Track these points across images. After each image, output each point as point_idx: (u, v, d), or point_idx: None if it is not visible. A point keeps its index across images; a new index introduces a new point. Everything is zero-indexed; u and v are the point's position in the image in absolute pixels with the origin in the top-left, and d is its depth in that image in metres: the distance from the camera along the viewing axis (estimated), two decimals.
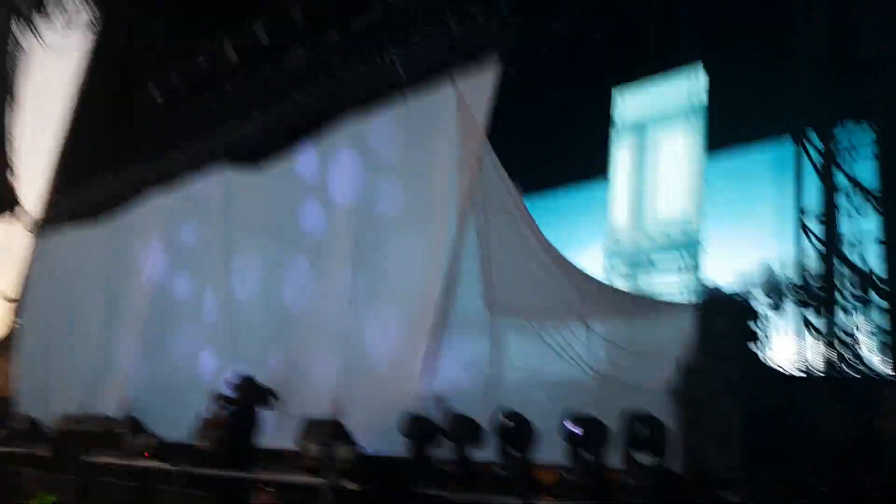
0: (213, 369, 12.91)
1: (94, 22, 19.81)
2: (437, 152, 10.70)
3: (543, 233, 9.78)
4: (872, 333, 7.78)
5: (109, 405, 14.11)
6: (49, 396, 16.62)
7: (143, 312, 15.15)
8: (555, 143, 13.21)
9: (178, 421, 11.91)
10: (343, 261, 11.66)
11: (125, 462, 11.48)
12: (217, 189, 14.44)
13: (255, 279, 13.36)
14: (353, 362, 10.99)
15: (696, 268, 11.01)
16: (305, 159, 13.02)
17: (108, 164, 18.75)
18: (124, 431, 12.43)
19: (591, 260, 11.80)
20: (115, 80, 20.11)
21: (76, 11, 18.68)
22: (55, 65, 19.61)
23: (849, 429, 7.01)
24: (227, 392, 10.14)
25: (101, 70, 20.65)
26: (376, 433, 9.60)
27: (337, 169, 12.24)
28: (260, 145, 15.78)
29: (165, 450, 11.62)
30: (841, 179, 8.41)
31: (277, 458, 10.18)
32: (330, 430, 9.01)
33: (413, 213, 11.03)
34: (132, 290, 15.71)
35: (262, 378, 11.10)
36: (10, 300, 20.24)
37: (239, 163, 14.75)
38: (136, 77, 19.71)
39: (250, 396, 9.53)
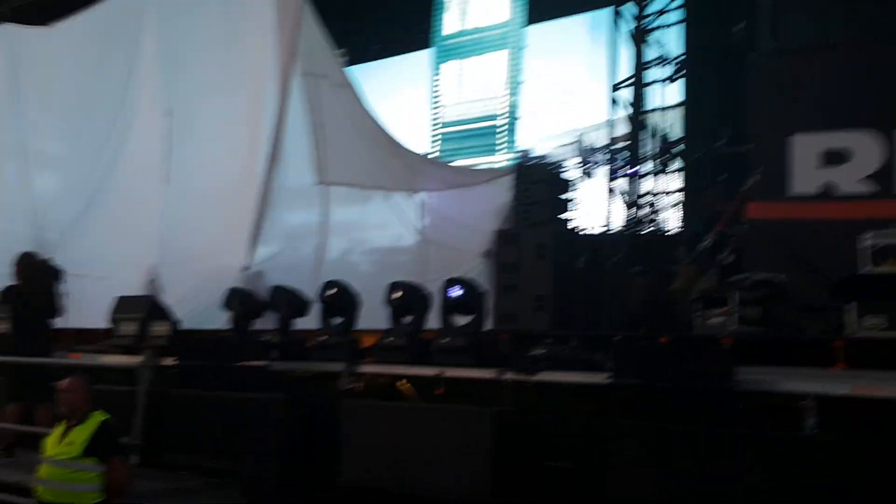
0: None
1: None
2: (251, 11, 10.06)
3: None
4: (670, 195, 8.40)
5: None
6: None
7: None
8: (376, 13, 12.84)
9: None
10: (154, 133, 10.88)
11: None
12: (2, 49, 12.87)
13: (57, 149, 12.25)
14: (169, 238, 10.51)
15: (511, 137, 11.29)
16: (103, 17, 11.76)
17: None
18: None
19: (414, 129, 11.80)
20: None
21: None
22: None
23: (645, 286, 7.62)
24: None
25: None
26: (197, 308, 9.36)
27: (139, 30, 11.20)
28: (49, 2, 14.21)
29: None
30: (651, 49, 8.78)
31: (90, 338, 9.71)
32: (145, 306, 8.64)
33: (229, 79, 10.39)
34: None
35: (72, 256, 10.37)
36: None
37: (25, 22, 13.19)
38: None
39: (36, 274, 8.62)
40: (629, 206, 8.32)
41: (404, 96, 12.66)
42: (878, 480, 4.03)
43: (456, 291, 6.72)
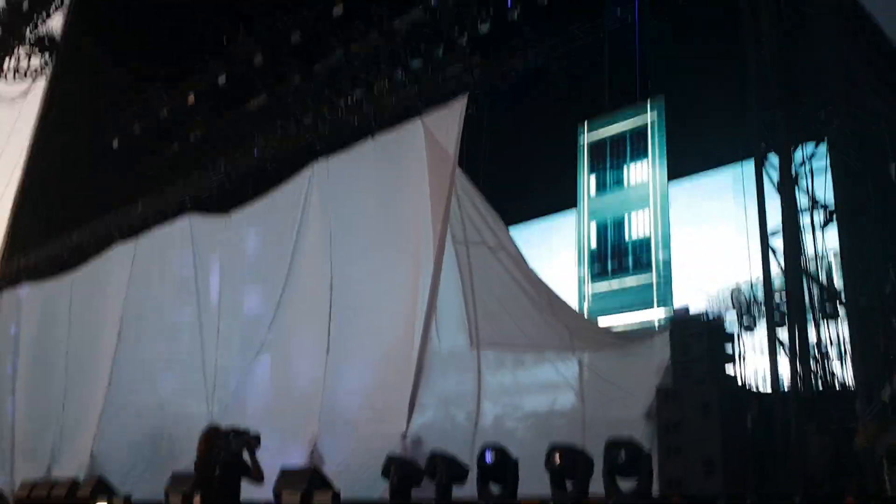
0: (187, 419, 12.63)
1: (50, 70, 19.57)
2: (408, 186, 10.76)
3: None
4: (840, 346, 7.95)
5: (74, 467, 13.71)
6: (15, 462, 16.10)
7: (108, 366, 14.80)
8: (524, 177, 13.38)
9: (148, 477, 11.62)
10: (318, 306, 11.54)
11: None
12: (185, 236, 14.31)
13: (228, 326, 13.18)
14: (329, 406, 10.86)
15: (666, 293, 11.15)
16: (274, 203, 12.97)
17: (68, 218, 18.51)
18: (89, 493, 11.95)
19: (564, 288, 11.89)
20: (73, 131, 19.89)
21: (30, 59, 18.47)
22: (7, 114, 19.17)
23: (824, 444, 7.10)
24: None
25: (58, 120, 20.37)
26: (358, 477, 9.48)
27: (307, 212, 12.22)
28: (226, 192, 15.77)
29: None
30: (801, 198, 8.63)
31: None
32: (307, 478, 8.86)
33: (386, 251, 11.02)
34: (96, 344, 15.38)
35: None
36: None
37: (205, 210, 14.68)
38: (96, 127, 19.57)
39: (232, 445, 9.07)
40: (796, 359, 7.92)
41: (554, 256, 12.89)
42: None
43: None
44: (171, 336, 14.09)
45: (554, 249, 12.89)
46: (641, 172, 11.97)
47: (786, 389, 7.90)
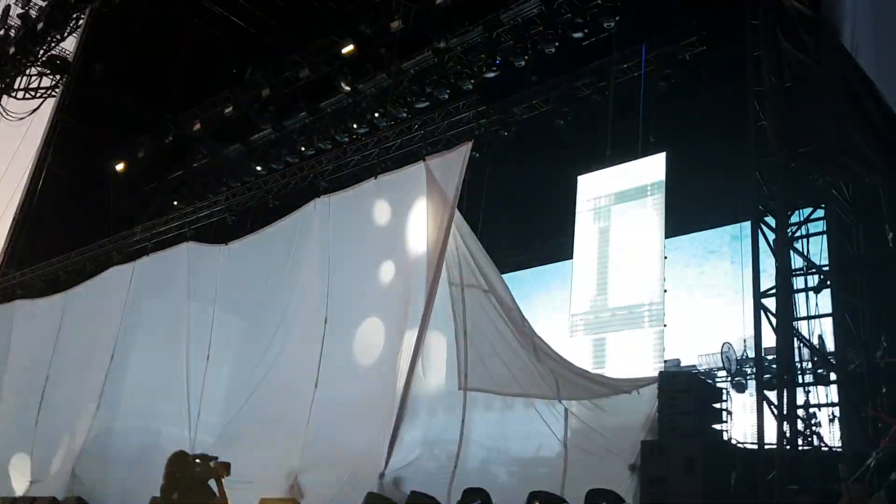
0: (169, 444, 12.49)
1: (60, 91, 19.77)
2: (407, 226, 10.82)
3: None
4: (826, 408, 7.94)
5: (55, 486, 13.54)
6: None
7: (95, 387, 14.71)
8: (523, 224, 13.48)
9: (129, 500, 11.46)
10: (310, 339, 11.51)
11: None
12: (182, 263, 14.34)
13: (219, 354, 13.12)
14: (312, 441, 10.76)
15: (658, 346, 11.13)
16: (273, 236, 13.04)
17: (67, 238, 18.54)
18: None
19: (559, 335, 11.88)
20: (77, 155, 20.01)
21: (41, 78, 18.67)
22: (14, 133, 19.31)
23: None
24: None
25: (64, 140, 20.52)
26: None
27: (305, 247, 12.27)
28: (226, 224, 15.86)
29: None
30: (796, 260, 8.69)
31: None
32: None
33: (380, 288, 11.03)
34: (85, 365, 15.29)
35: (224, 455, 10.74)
36: None
37: (204, 240, 14.74)
38: (100, 152, 19.70)
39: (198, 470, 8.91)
40: (783, 419, 7.89)
41: (546, 305, 12.90)
42: None
43: None
44: (159, 361, 14.02)
45: (548, 299, 12.93)
46: (639, 227, 12.03)
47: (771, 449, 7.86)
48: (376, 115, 13.96)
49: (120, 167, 19.33)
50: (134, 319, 14.90)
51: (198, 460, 7.95)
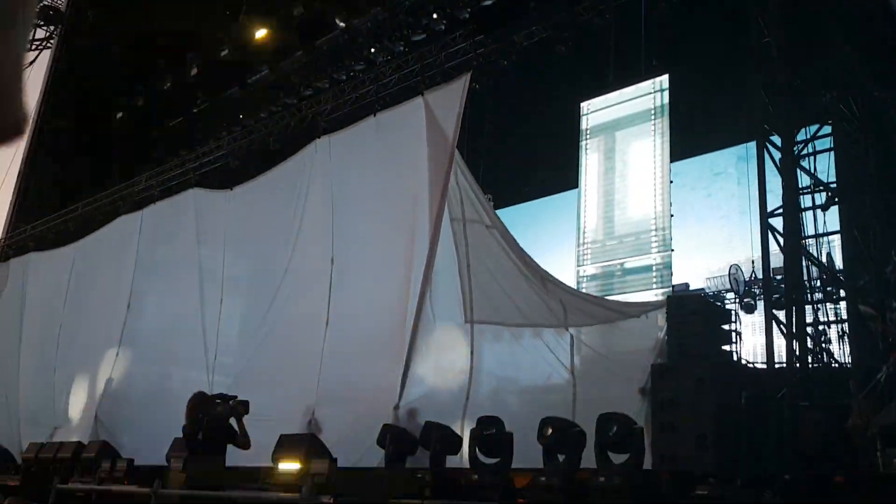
0: (188, 386, 12.72)
1: (55, 42, 19.55)
2: (408, 164, 10.75)
3: (519, 242, 9.86)
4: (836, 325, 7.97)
5: (79, 431, 13.87)
6: (20, 424, 16.29)
7: (113, 334, 14.95)
8: (525, 156, 13.35)
9: (151, 442, 11.71)
10: (318, 279, 11.58)
11: (98, 488, 11.21)
12: (189, 209, 14.37)
13: (231, 298, 13.26)
14: (327, 378, 10.93)
15: (666, 270, 11.14)
16: (276, 179, 13.00)
17: (72, 191, 18.58)
18: (94, 455, 12.10)
19: (564, 265, 11.89)
20: (77, 103, 19.86)
21: (35, 30, 18.44)
22: None
23: (817, 421, 7.11)
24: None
25: (62, 92, 20.36)
26: (354, 446, 9.55)
27: (309, 187, 12.24)
28: (229, 168, 15.79)
29: (138, 473, 11.37)
30: (803, 179, 8.61)
31: (253, 474, 10.05)
32: (306, 445, 8.92)
33: (385, 226, 11.03)
34: (101, 312, 15.50)
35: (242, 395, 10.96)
36: None
37: (209, 186, 14.71)
38: (100, 100, 19.56)
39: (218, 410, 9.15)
40: (792, 338, 7.92)
41: (553, 235, 12.87)
42: None
43: None
44: (174, 306, 14.19)
45: (554, 230, 12.90)
46: (644, 152, 11.91)
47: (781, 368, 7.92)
48: (372, 50, 13.73)
49: (119, 116, 19.21)
50: (147, 266, 15.03)
51: (217, 400, 8.16)
